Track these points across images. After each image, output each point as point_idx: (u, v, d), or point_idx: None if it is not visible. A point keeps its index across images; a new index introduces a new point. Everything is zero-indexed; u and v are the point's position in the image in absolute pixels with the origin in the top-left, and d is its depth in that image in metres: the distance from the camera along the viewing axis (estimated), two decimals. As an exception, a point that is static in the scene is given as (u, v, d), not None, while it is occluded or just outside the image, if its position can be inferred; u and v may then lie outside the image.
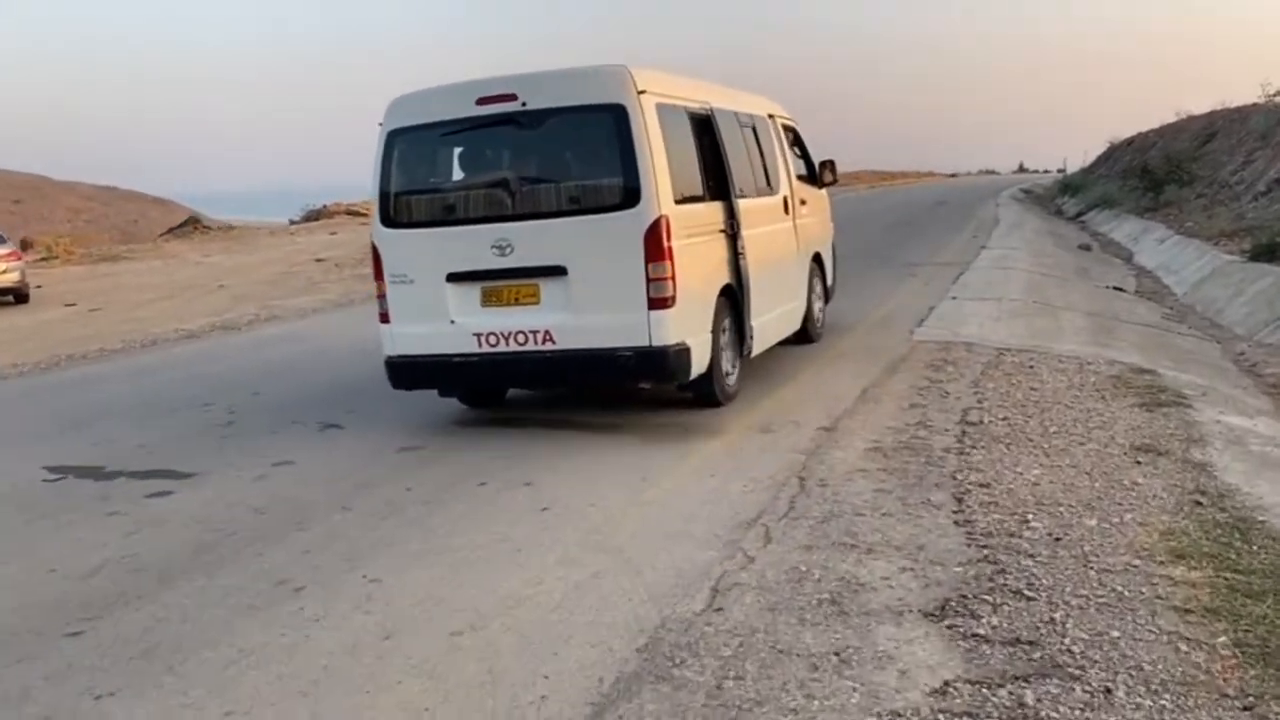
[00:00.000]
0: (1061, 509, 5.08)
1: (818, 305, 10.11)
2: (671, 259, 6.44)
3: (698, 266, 6.86)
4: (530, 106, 6.65)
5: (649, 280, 6.43)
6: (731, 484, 5.71)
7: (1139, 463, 5.87)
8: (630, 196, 6.47)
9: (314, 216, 34.29)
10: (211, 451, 7.29)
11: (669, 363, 6.58)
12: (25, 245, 24.47)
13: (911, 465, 5.90)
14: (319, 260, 23.12)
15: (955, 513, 5.07)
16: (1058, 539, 4.66)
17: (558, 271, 6.59)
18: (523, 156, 7.08)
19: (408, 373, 7.15)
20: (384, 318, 7.10)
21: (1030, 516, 4.97)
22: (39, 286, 20.60)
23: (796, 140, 10.31)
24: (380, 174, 7.07)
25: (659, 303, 6.45)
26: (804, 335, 9.67)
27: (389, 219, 7.08)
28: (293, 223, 35.52)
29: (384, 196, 7.07)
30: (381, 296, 7.09)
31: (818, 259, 10.22)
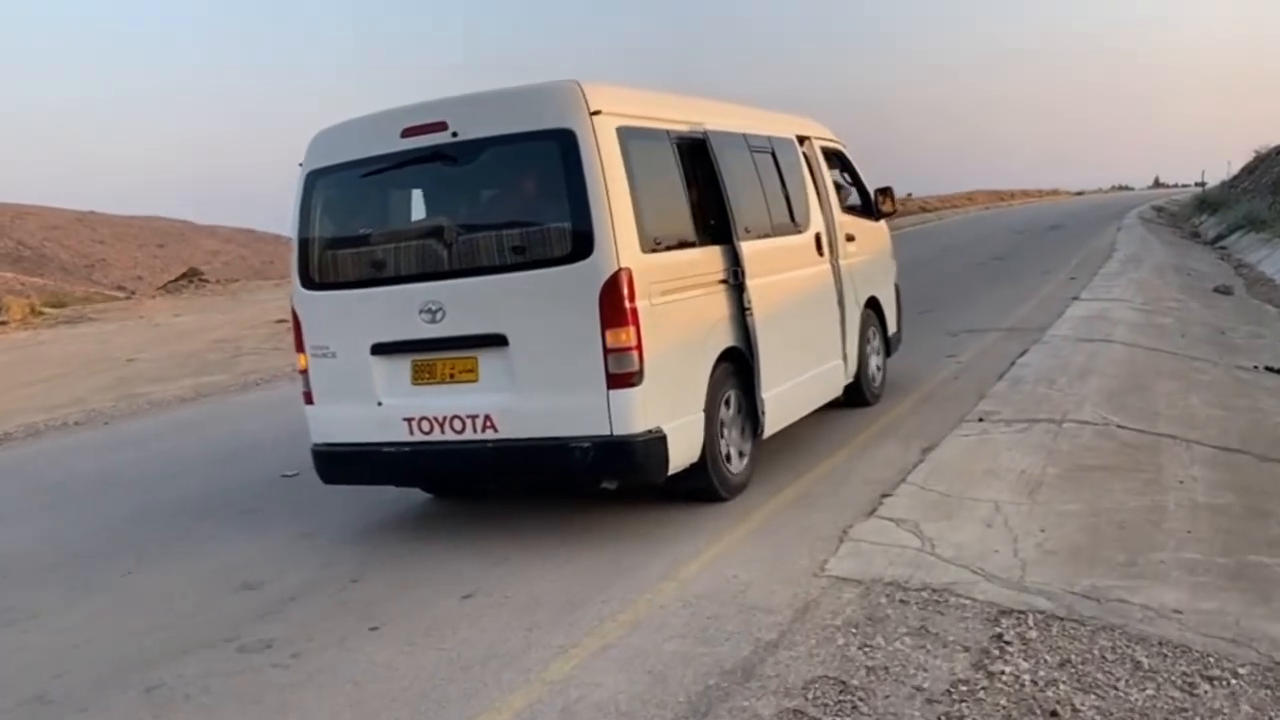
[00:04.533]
0: None
1: (874, 361, 8.16)
2: (636, 323, 4.95)
3: (681, 329, 5.35)
4: (462, 137, 5.24)
5: (607, 351, 4.93)
6: None
7: None
8: (581, 246, 4.99)
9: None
10: None
11: (636, 456, 5.00)
12: (-6, 308, 21.06)
13: None
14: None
15: None
16: None
17: (497, 341, 5.16)
18: (456, 199, 5.72)
19: (334, 465, 5.75)
20: (307, 398, 5.77)
21: None
22: (-60, 362, 16.94)
23: (844, 165, 8.40)
24: (298, 225, 5.71)
25: (620, 379, 4.95)
26: (857, 397, 7.77)
27: (308, 278, 5.71)
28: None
29: (303, 252, 5.72)
30: (303, 372, 5.76)
31: (874, 304, 8.21)
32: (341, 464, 5.71)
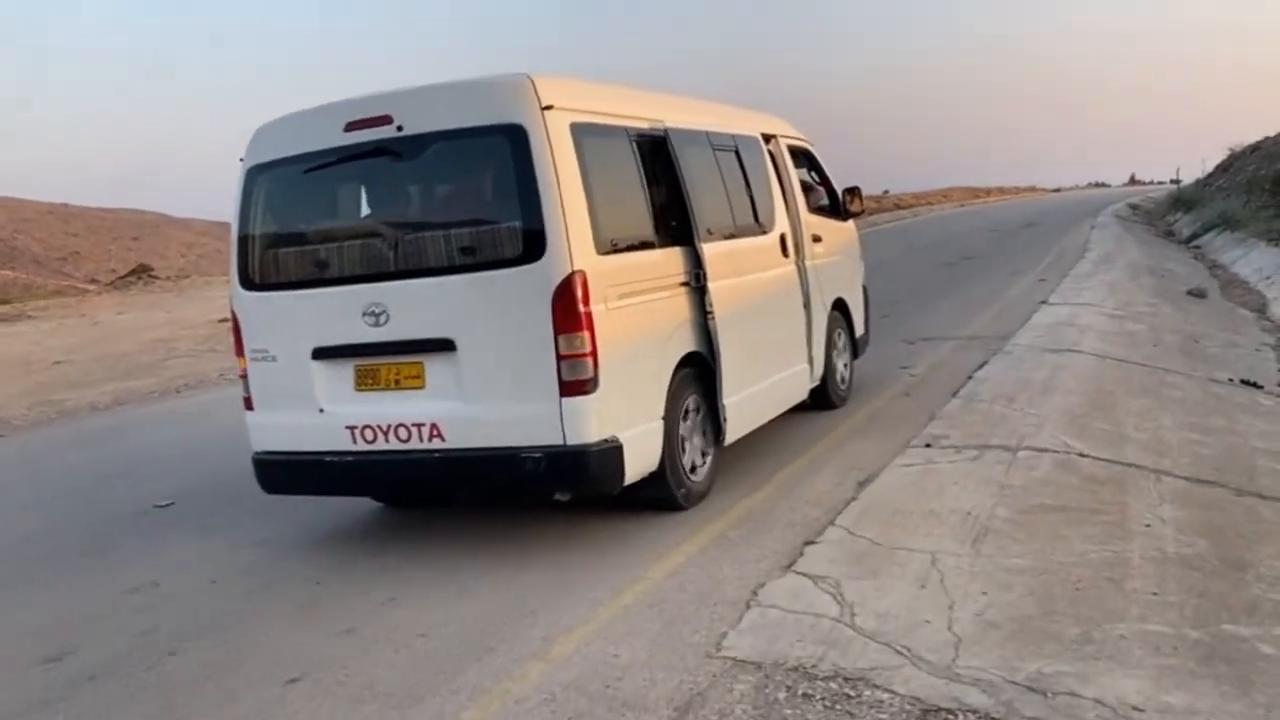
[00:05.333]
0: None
1: (841, 363, 7.92)
2: (591, 328, 4.69)
3: (639, 334, 5.09)
4: (407, 131, 4.93)
5: (560, 358, 4.66)
6: None
7: None
8: (533, 246, 4.70)
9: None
10: None
11: (590, 467, 4.73)
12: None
13: None
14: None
15: None
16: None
17: (444, 346, 4.85)
18: (402, 196, 5.41)
19: (276, 474, 5.40)
20: (247, 403, 5.42)
21: None
22: None
23: (812, 164, 8.15)
24: (238, 223, 5.38)
25: (574, 387, 4.67)
26: (824, 400, 7.54)
27: (248, 279, 5.37)
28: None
29: (243, 250, 5.37)
30: (243, 376, 5.40)
31: (841, 306, 7.96)
32: (282, 474, 5.40)
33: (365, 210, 5.49)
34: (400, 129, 4.95)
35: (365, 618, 4.39)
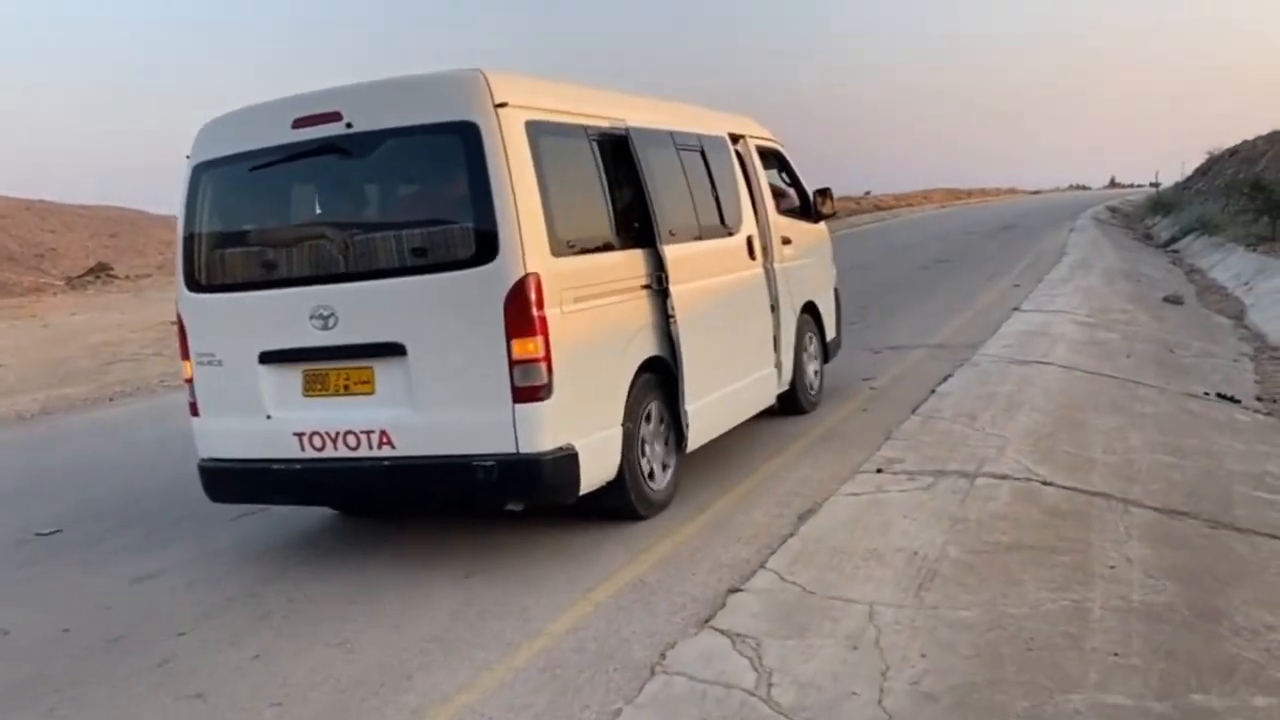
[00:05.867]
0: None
1: (811, 367, 7.71)
2: (544, 332, 4.53)
3: (597, 339, 4.94)
4: (357, 129, 4.77)
5: (513, 363, 4.50)
6: None
7: None
8: (485, 248, 4.55)
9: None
10: None
11: (543, 475, 4.56)
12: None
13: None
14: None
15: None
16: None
17: (394, 350, 4.70)
18: (352, 195, 5.23)
19: (222, 483, 5.22)
20: (192, 409, 5.25)
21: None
22: None
23: (782, 166, 7.96)
24: (184, 222, 5.18)
25: (527, 393, 4.51)
26: (793, 405, 7.30)
27: (194, 280, 5.18)
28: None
29: (189, 251, 5.19)
30: (188, 381, 5.25)
31: (811, 309, 7.74)
32: (228, 483, 5.23)
33: (314, 210, 5.35)
34: (350, 126, 4.80)
35: (221, 679, 3.83)
